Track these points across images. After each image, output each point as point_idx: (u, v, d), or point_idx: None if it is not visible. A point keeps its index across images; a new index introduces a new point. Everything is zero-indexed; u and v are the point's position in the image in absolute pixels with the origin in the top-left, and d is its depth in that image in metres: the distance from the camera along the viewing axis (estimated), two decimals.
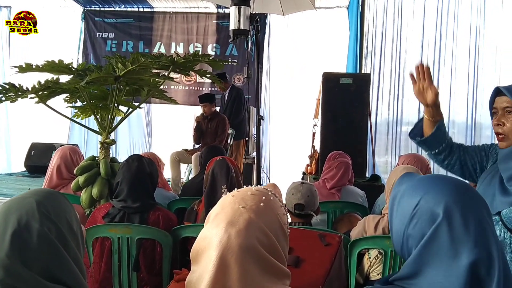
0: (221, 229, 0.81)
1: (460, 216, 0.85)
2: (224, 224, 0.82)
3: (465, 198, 0.88)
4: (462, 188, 0.90)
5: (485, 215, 0.87)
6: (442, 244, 0.85)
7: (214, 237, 0.81)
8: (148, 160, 2.18)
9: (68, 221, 0.93)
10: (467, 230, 0.84)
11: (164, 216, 2.10)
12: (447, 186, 0.90)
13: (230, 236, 0.80)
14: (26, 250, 0.84)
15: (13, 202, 0.90)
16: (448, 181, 0.92)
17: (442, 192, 0.89)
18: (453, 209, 0.86)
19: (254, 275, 0.79)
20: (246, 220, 0.82)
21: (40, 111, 2.78)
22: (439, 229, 0.86)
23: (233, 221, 0.82)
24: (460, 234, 0.84)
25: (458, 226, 0.85)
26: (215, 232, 0.81)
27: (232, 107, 5.32)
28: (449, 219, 0.86)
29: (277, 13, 4.23)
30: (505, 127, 1.45)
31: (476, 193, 0.91)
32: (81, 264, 0.93)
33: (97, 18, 6.97)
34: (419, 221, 0.89)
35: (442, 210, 0.86)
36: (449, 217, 0.86)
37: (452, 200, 0.87)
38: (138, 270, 1.99)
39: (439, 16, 5.46)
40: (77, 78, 2.24)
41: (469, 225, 0.84)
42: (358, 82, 4.14)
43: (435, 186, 0.91)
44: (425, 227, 0.88)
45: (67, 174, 2.74)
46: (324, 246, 1.56)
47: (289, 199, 2.20)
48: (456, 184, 0.91)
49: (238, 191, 0.91)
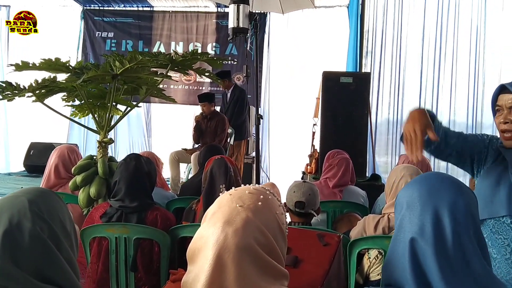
0: (217, 228, 0.80)
1: (420, 208, 0.93)
2: (221, 223, 0.80)
3: (430, 191, 0.95)
4: (435, 182, 0.97)
5: (445, 208, 0.92)
6: (404, 233, 0.94)
7: (211, 236, 0.79)
8: (146, 159, 2.17)
9: (61, 220, 0.91)
10: (422, 218, 0.92)
11: (162, 216, 2.08)
12: (421, 181, 0.99)
13: (227, 235, 0.78)
14: (18, 250, 0.83)
15: (4, 201, 0.89)
16: (426, 177, 1.01)
17: (415, 186, 0.98)
18: (415, 202, 0.95)
19: (251, 275, 0.77)
20: (243, 219, 0.81)
21: (39, 110, 2.77)
22: (403, 221, 0.95)
23: (230, 220, 0.80)
24: (415, 225, 0.93)
25: (416, 217, 0.93)
26: (212, 231, 0.80)
27: (235, 107, 5.30)
28: (410, 211, 0.95)
29: (276, 11, 4.22)
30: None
31: (452, 188, 0.96)
32: (75, 264, 0.92)
33: (97, 17, 6.96)
34: (395, 211, 1.02)
35: (405, 202, 0.97)
36: (410, 209, 0.95)
37: (418, 193, 0.95)
38: (135, 270, 1.97)
39: (440, 15, 5.45)
40: (74, 77, 2.22)
41: (425, 214, 0.92)
42: (358, 81, 4.12)
43: (413, 182, 1.01)
44: (397, 217, 1.00)
45: (65, 174, 2.73)
46: (323, 246, 1.54)
47: (290, 196, 2.18)
48: (431, 179, 0.99)
49: (235, 189, 0.90)
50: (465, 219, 0.91)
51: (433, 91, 5.53)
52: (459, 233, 0.89)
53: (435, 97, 5.53)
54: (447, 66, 5.48)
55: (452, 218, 0.90)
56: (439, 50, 5.48)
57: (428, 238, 0.90)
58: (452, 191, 0.94)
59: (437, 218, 0.91)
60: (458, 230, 0.90)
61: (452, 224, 0.90)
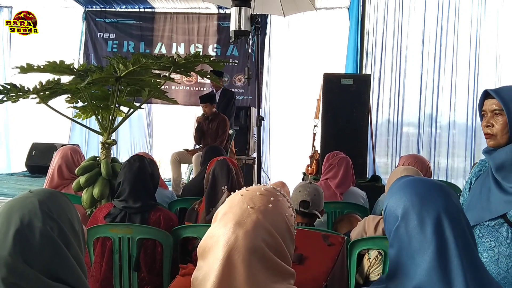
0: (229, 229, 0.81)
1: (416, 218, 0.92)
2: (232, 224, 0.82)
3: (423, 199, 0.94)
4: (423, 189, 0.96)
5: (443, 214, 0.92)
6: (402, 245, 0.93)
7: (222, 236, 0.81)
8: (149, 161, 2.19)
9: (70, 220, 0.93)
10: (423, 230, 0.91)
11: (165, 216, 2.11)
12: (409, 190, 0.97)
13: (237, 236, 0.80)
14: (29, 248, 0.85)
15: (15, 201, 0.91)
16: (413, 184, 0.98)
17: (403, 195, 0.96)
18: (409, 212, 0.93)
19: (259, 275, 0.80)
20: (253, 221, 0.82)
21: (41, 111, 2.79)
22: (398, 230, 0.94)
23: (241, 221, 0.82)
24: (416, 234, 0.91)
25: (413, 227, 0.92)
26: (223, 231, 0.82)
27: (225, 109, 5.30)
28: (406, 221, 0.93)
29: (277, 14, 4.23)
30: (494, 128, 1.50)
31: (440, 192, 0.95)
32: (83, 263, 0.94)
33: (98, 19, 6.98)
34: (388, 224, 0.99)
35: (400, 213, 0.94)
36: (406, 220, 0.93)
37: (410, 203, 0.94)
38: (138, 270, 2.00)
39: (440, 18, 5.47)
40: (79, 79, 2.25)
41: (425, 225, 0.91)
42: (359, 82, 4.14)
43: (400, 190, 0.98)
44: (391, 229, 0.97)
45: (68, 174, 2.75)
46: (327, 246, 1.57)
47: (296, 196, 2.20)
48: (419, 186, 0.97)
49: (247, 190, 0.91)
50: (463, 217, 0.94)
51: (433, 93, 5.55)
52: (463, 233, 0.91)
53: (435, 99, 5.56)
54: (447, 67, 5.51)
55: (452, 220, 0.92)
56: (439, 52, 5.51)
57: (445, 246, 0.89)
58: (441, 194, 0.95)
59: (439, 225, 0.91)
60: (462, 231, 0.91)
61: (454, 227, 0.91)
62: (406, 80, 5.66)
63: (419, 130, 5.64)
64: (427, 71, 5.56)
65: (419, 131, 5.64)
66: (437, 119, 5.56)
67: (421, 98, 5.59)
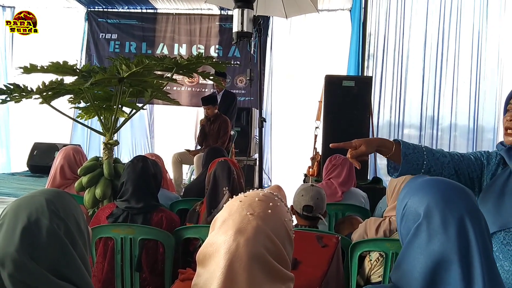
0: (229, 236, 0.81)
1: (439, 217, 0.91)
2: (232, 232, 0.81)
3: (447, 199, 0.92)
4: (446, 189, 0.95)
5: (466, 216, 0.91)
6: (421, 243, 0.91)
7: (223, 244, 0.81)
8: (152, 162, 2.20)
9: (76, 219, 0.95)
10: (445, 230, 0.90)
11: (167, 217, 2.11)
12: (431, 189, 0.96)
13: (238, 244, 0.80)
14: (36, 245, 0.86)
15: (23, 200, 0.92)
16: (435, 184, 0.97)
17: (426, 194, 0.95)
18: (432, 210, 0.92)
19: (261, 281, 0.80)
20: (254, 228, 0.82)
21: (42, 111, 2.79)
22: (419, 229, 0.92)
23: (242, 228, 0.82)
24: (438, 234, 0.90)
25: (436, 226, 0.90)
26: (223, 239, 0.81)
27: (227, 111, 5.30)
28: (428, 220, 0.92)
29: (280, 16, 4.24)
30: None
31: (462, 194, 0.94)
32: (87, 262, 0.95)
33: (100, 19, 7.00)
34: (406, 222, 0.97)
35: (423, 211, 0.93)
36: (429, 218, 0.92)
37: (434, 201, 0.92)
38: (140, 270, 2.00)
39: (442, 20, 5.48)
40: (82, 80, 2.26)
41: (448, 225, 0.90)
42: (360, 84, 4.15)
43: (421, 188, 0.97)
44: (410, 227, 0.95)
45: (70, 174, 2.76)
46: (321, 247, 1.57)
47: (298, 200, 2.19)
48: (441, 186, 0.96)
49: (245, 195, 0.91)
50: (484, 221, 0.93)
51: (435, 95, 5.55)
52: (483, 237, 0.90)
53: (436, 101, 5.56)
54: (449, 70, 5.51)
55: (474, 223, 0.90)
56: (440, 54, 5.51)
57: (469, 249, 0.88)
58: (463, 196, 0.94)
59: (462, 226, 0.89)
60: (482, 235, 0.90)
61: (476, 230, 0.90)
62: (408, 82, 5.66)
63: (421, 132, 5.63)
64: (428, 73, 5.56)
65: (420, 133, 5.64)
66: (438, 121, 5.56)
67: (422, 100, 5.59)
